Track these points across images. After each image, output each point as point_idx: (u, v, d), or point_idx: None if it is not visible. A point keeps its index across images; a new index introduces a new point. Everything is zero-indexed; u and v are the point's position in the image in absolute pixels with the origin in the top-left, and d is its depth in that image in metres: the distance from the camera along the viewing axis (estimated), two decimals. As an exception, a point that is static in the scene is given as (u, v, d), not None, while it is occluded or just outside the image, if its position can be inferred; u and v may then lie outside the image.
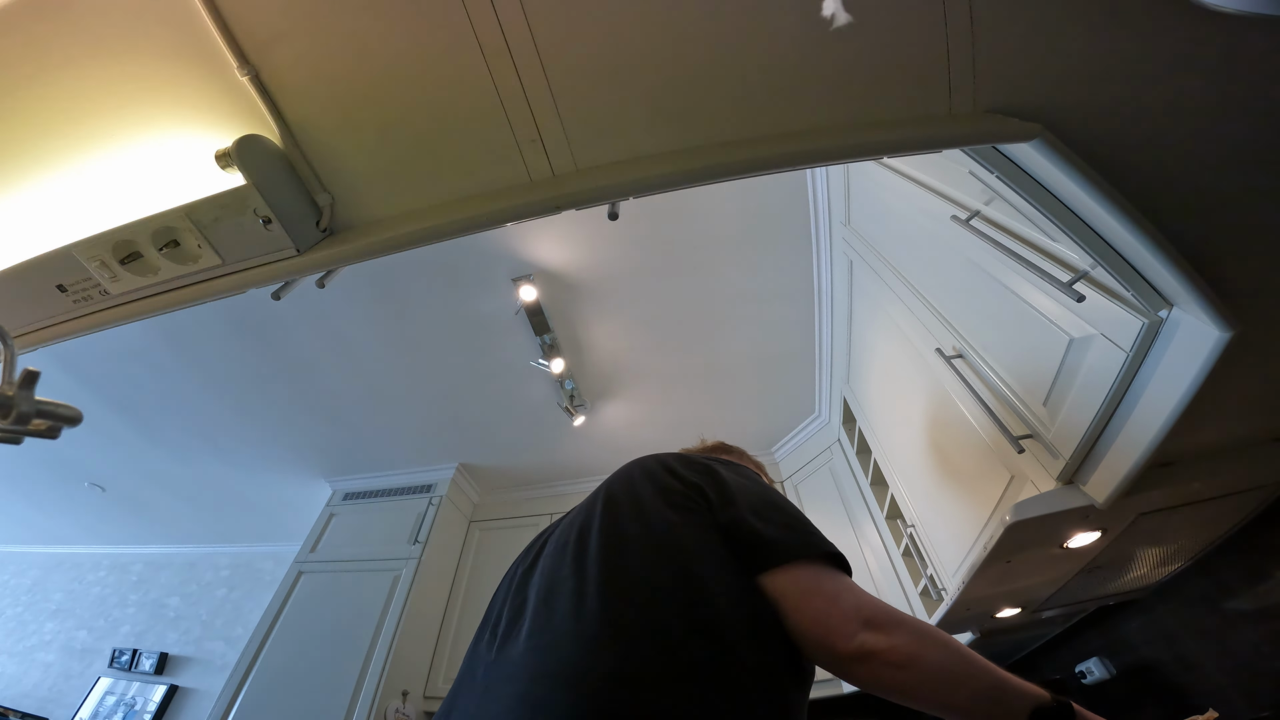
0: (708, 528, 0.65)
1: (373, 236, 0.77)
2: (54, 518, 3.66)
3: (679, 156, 0.71)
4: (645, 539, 0.63)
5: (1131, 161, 0.70)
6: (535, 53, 0.69)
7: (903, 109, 0.69)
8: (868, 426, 1.97)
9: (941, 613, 1.40)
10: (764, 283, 2.03)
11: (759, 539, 0.63)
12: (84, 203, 0.78)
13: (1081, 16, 0.65)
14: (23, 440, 0.47)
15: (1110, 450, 0.91)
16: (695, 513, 0.66)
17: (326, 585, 2.43)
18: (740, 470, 0.77)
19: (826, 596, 0.60)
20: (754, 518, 0.65)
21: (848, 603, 0.60)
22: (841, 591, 0.61)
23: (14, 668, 3.47)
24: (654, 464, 0.76)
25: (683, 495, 0.68)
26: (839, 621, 0.58)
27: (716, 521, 0.66)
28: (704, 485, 0.70)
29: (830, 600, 0.60)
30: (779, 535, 0.64)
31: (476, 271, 1.94)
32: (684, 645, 0.52)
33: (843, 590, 0.61)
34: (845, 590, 0.61)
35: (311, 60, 0.70)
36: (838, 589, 0.61)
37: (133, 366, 2.29)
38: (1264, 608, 1.19)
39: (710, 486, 0.69)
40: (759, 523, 0.65)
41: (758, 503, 0.68)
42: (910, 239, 1.34)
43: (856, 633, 0.57)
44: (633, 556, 0.61)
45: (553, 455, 2.80)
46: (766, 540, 0.63)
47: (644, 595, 0.57)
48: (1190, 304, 0.72)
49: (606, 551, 0.63)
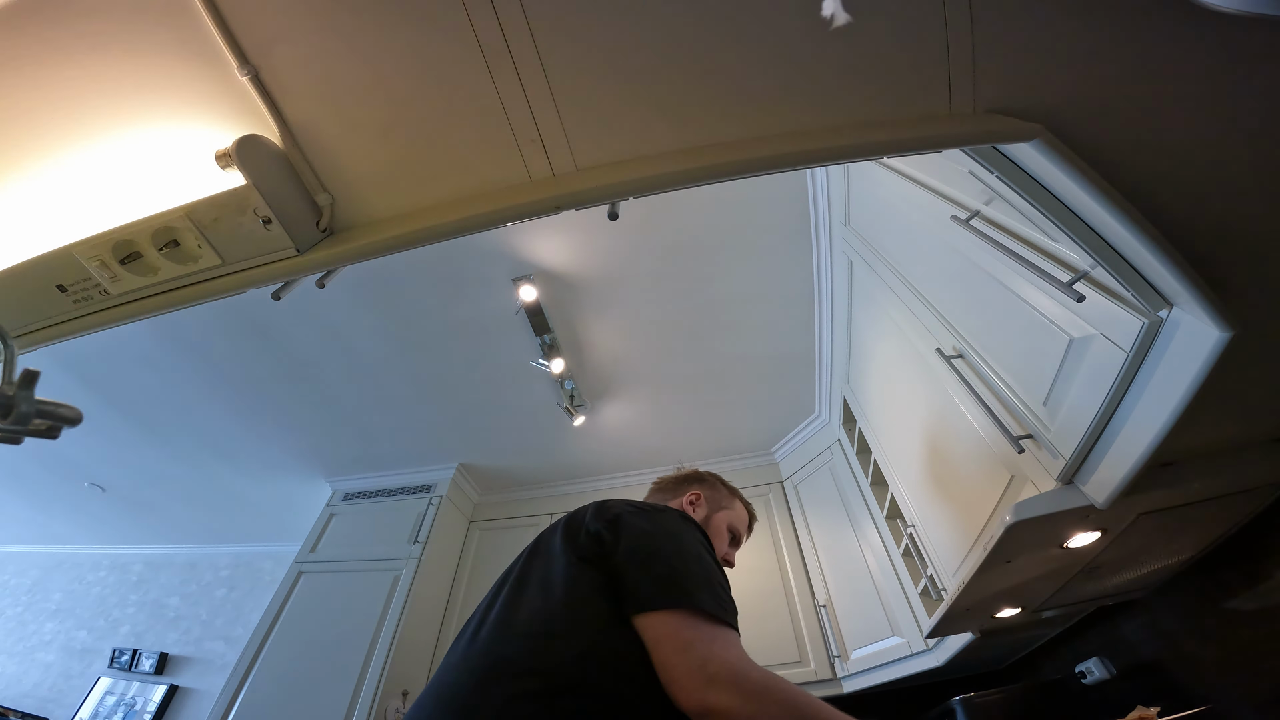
0: (602, 573, 0.72)
1: (373, 236, 0.77)
2: (54, 518, 3.66)
3: (679, 156, 0.71)
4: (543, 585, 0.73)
5: (1131, 161, 0.70)
6: (535, 53, 0.69)
7: (903, 109, 0.69)
8: (868, 426, 1.97)
9: (941, 613, 1.40)
10: (764, 282, 2.03)
11: (628, 585, 0.69)
12: (84, 203, 0.78)
13: (1081, 17, 0.65)
14: (23, 440, 0.47)
15: (1110, 450, 0.91)
16: (591, 561, 0.73)
17: (326, 585, 2.43)
18: (658, 517, 0.81)
19: (675, 647, 0.63)
20: (633, 565, 0.71)
21: (696, 656, 0.62)
22: (695, 643, 0.63)
23: (14, 668, 3.47)
24: (573, 515, 0.83)
25: (585, 545, 0.76)
26: (682, 674, 0.61)
27: (611, 567, 0.72)
28: (603, 533, 0.76)
29: (678, 651, 0.63)
30: (648, 583, 0.69)
31: (476, 271, 1.94)
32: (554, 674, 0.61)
33: (697, 642, 0.63)
34: (700, 642, 0.63)
35: (311, 60, 0.70)
36: (692, 640, 0.64)
37: (133, 366, 2.29)
38: (1264, 608, 1.19)
39: (609, 534, 0.76)
40: (636, 570, 0.70)
41: (645, 551, 0.73)
42: (910, 239, 1.34)
43: (698, 688, 0.60)
44: (527, 601, 0.71)
45: (553, 455, 2.80)
46: (632, 586, 0.69)
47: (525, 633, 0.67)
48: (1190, 304, 0.72)
49: (510, 594, 0.74)
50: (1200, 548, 1.25)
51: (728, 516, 1.09)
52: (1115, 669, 1.55)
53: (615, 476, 2.91)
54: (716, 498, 1.11)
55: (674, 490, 1.13)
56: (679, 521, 0.82)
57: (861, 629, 2.01)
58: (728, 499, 1.13)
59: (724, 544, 1.06)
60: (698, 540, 0.79)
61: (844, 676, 2.02)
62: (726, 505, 1.11)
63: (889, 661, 1.85)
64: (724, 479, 1.18)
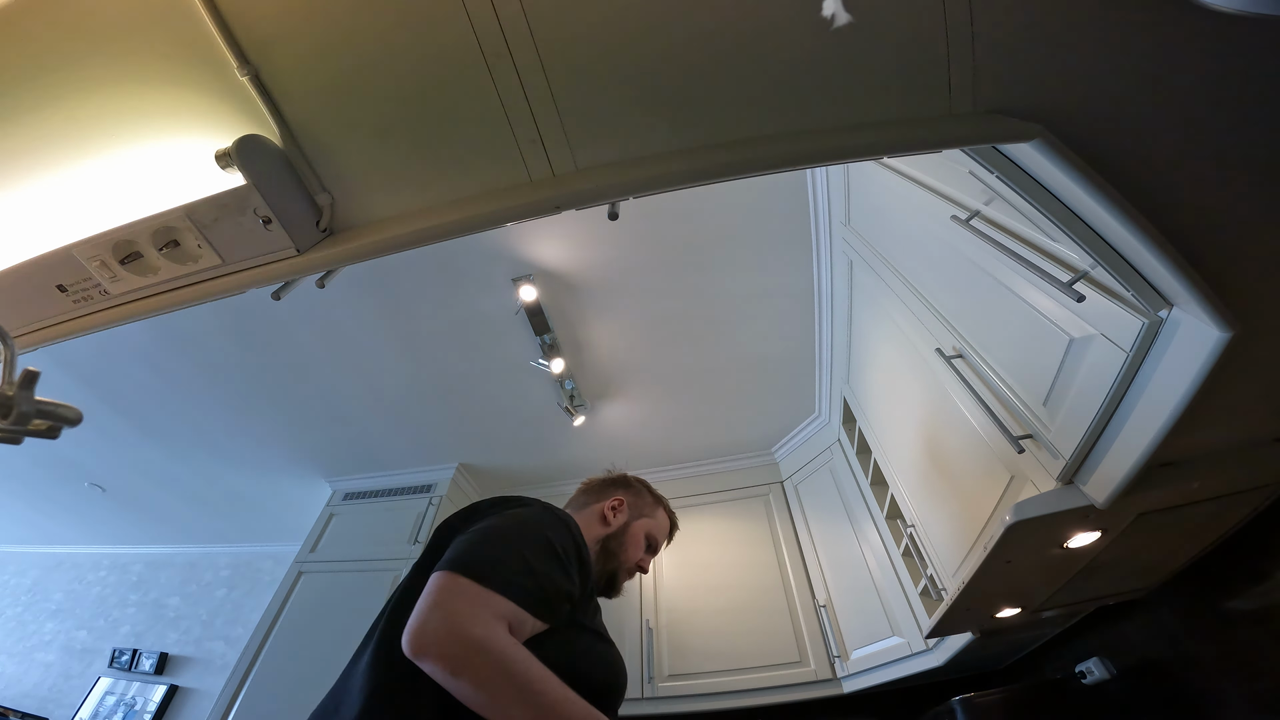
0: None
1: (373, 236, 0.77)
2: (54, 518, 3.66)
3: (679, 156, 0.71)
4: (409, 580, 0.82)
5: (1131, 161, 0.70)
6: (535, 53, 0.69)
7: (903, 109, 0.69)
8: (868, 426, 1.97)
9: (941, 613, 1.40)
10: (764, 282, 2.03)
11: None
12: (84, 203, 0.78)
13: (1081, 16, 0.65)
14: (23, 440, 0.47)
15: (1110, 450, 0.90)
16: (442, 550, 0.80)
17: (326, 585, 2.43)
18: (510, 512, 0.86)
19: (423, 600, 0.67)
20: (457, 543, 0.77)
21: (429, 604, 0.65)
22: (439, 595, 0.66)
23: (14, 668, 3.47)
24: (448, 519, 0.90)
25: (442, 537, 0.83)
26: (412, 620, 0.64)
27: None
28: (459, 527, 0.84)
29: (422, 601, 0.66)
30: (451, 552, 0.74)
31: (476, 271, 1.94)
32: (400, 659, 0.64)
33: (442, 595, 0.66)
34: (445, 595, 0.66)
35: (312, 60, 0.70)
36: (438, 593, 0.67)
37: (132, 366, 2.29)
38: (1264, 608, 1.19)
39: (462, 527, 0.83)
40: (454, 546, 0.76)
41: (475, 534, 0.79)
42: (910, 239, 1.34)
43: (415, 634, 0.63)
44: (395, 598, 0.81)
45: (553, 455, 2.80)
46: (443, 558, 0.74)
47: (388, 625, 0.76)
48: (1190, 304, 0.72)
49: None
50: (1200, 548, 1.25)
51: (647, 525, 1.13)
52: (1115, 669, 1.55)
53: (615, 476, 2.90)
54: (639, 505, 1.15)
55: (598, 494, 1.16)
56: (533, 514, 0.85)
57: (861, 629, 2.01)
58: (650, 507, 1.16)
59: (638, 550, 1.10)
60: (541, 534, 0.81)
61: (844, 676, 2.02)
62: (648, 514, 1.15)
63: (889, 661, 1.85)
64: (651, 486, 1.22)
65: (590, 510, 1.11)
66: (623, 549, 1.06)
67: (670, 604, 2.37)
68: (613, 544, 1.05)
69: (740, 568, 2.42)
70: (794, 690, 2.06)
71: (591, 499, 1.15)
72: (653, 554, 1.15)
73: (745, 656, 2.14)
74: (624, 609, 2.38)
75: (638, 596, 2.42)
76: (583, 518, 1.08)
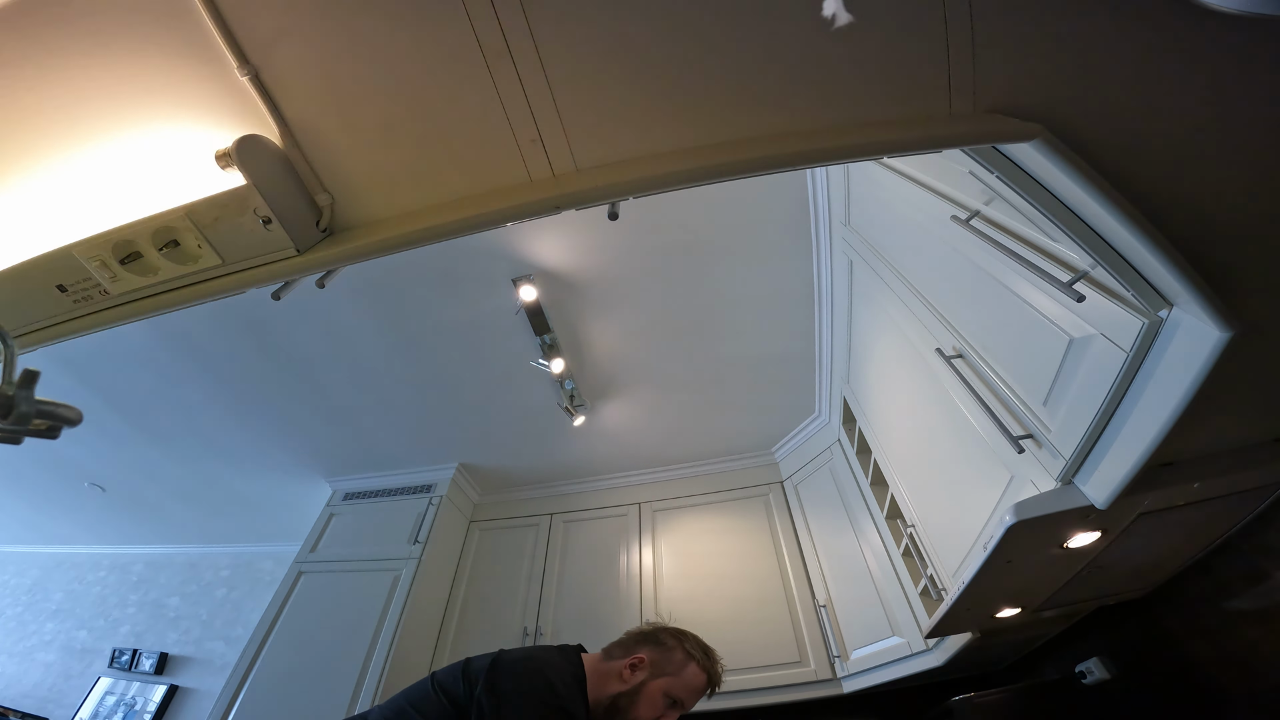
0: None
1: (373, 236, 0.77)
2: (54, 518, 3.66)
3: (679, 156, 0.71)
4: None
5: (1131, 161, 0.70)
6: (535, 53, 0.69)
7: (903, 109, 0.69)
8: (868, 426, 1.97)
9: (941, 613, 1.39)
10: (764, 282, 2.03)
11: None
12: (84, 203, 0.78)
13: (1081, 16, 0.65)
14: (23, 440, 0.47)
15: (1110, 450, 0.91)
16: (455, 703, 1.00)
17: (326, 585, 2.43)
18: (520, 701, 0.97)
19: None
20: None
21: None
22: None
23: (14, 668, 3.47)
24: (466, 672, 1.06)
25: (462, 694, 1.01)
26: None
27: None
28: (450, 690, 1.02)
29: None
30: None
31: (476, 271, 1.94)
32: None
33: None
34: None
35: (312, 60, 0.70)
36: None
37: (132, 366, 2.29)
38: (1264, 608, 1.19)
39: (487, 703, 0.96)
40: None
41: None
42: (910, 239, 1.34)
43: None
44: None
45: (553, 455, 2.80)
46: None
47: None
48: (1190, 304, 0.72)
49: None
50: (1200, 548, 1.25)
51: (667, 684, 1.13)
52: (1115, 669, 1.55)
53: (615, 476, 2.91)
54: (664, 663, 1.16)
55: (625, 649, 1.19)
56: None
57: (861, 629, 2.01)
58: (678, 665, 1.16)
59: (653, 710, 1.11)
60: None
61: (844, 676, 2.02)
62: (672, 672, 1.15)
63: (889, 661, 1.85)
64: (688, 642, 1.21)
65: (612, 665, 1.15)
66: (634, 707, 1.09)
67: (670, 604, 2.37)
68: (623, 701, 1.09)
69: (740, 567, 2.42)
70: (794, 690, 2.06)
71: (619, 652, 1.19)
72: (678, 710, 1.14)
73: (745, 656, 2.14)
74: (624, 609, 2.38)
75: (638, 597, 2.42)
76: (603, 670, 1.14)
